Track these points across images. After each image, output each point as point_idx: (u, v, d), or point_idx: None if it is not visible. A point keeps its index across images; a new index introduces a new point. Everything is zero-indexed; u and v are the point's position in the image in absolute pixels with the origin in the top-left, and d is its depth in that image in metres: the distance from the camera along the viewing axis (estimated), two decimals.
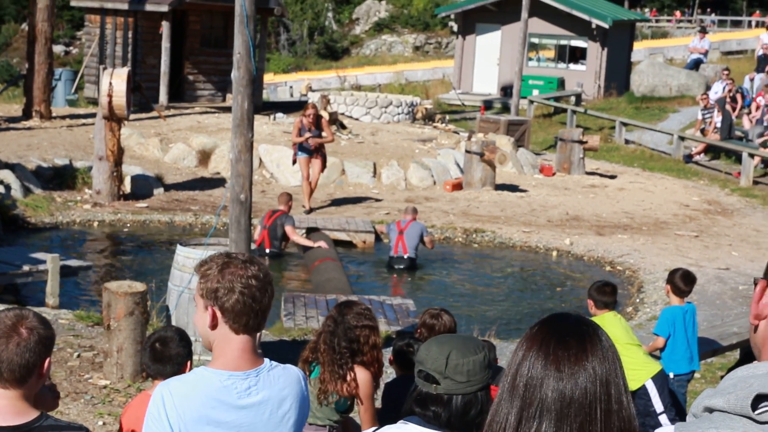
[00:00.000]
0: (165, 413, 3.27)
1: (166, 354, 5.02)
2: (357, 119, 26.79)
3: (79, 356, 9.24)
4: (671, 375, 8.07)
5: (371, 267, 15.72)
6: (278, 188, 18.88)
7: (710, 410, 1.95)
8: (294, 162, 18.16)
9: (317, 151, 17.76)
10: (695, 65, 34.94)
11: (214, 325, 3.37)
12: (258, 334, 3.45)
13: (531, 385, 2.20)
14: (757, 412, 1.88)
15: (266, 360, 3.46)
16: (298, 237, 15.39)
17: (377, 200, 19.26)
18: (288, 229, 15.16)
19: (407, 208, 15.94)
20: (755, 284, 2.13)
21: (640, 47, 43.18)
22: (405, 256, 14.99)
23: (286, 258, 15.43)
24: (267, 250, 14.94)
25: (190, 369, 5.15)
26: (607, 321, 7.82)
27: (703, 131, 27.17)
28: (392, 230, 15.39)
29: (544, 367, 2.19)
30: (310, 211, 17.82)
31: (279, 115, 25.77)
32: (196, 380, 3.35)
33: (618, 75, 35.54)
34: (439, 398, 3.22)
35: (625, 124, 28.61)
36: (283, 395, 3.44)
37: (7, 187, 16.75)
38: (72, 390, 8.42)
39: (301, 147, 17.64)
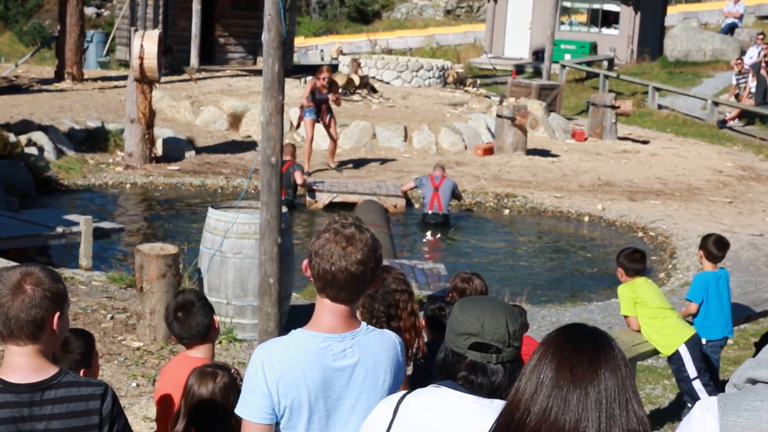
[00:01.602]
0: (263, 375, 3.32)
1: (192, 319, 5.03)
2: (388, 83, 26.69)
3: (112, 318, 9.30)
4: (704, 341, 8.03)
5: (403, 230, 15.71)
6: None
7: (753, 381, 1.91)
8: (298, 125, 18.49)
9: (326, 113, 17.98)
10: (730, 30, 34.50)
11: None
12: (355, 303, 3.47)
13: (538, 395, 2.18)
14: None
15: (363, 323, 3.49)
16: (301, 180, 16.00)
17: (407, 164, 19.22)
18: (297, 174, 15.78)
19: (436, 165, 16.16)
20: None
21: (673, 11, 42.65)
22: (440, 213, 15.40)
23: (300, 208, 16.01)
24: (282, 198, 15.12)
25: (217, 325, 5.17)
26: (639, 286, 7.79)
27: (737, 96, 26.88)
28: (426, 186, 15.58)
29: (555, 380, 2.19)
30: (335, 168, 18.00)
31: (309, 78, 25.71)
32: (293, 342, 3.39)
33: (651, 39, 35.15)
34: (496, 368, 3.13)
35: (658, 89, 28.34)
36: (378, 358, 3.46)
37: (41, 149, 16.84)
38: (106, 351, 8.48)
39: (307, 110, 17.76)
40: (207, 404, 4.47)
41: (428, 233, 15.45)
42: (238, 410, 3.42)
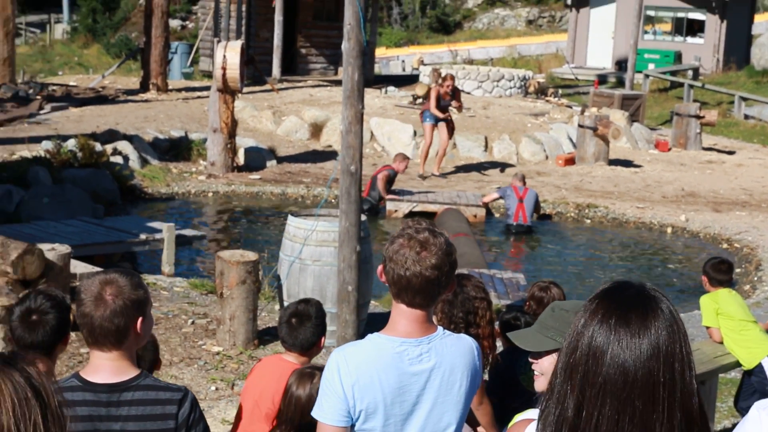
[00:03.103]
0: (339, 379, 3.34)
1: (301, 330, 5.09)
2: (469, 93, 26.65)
3: (193, 323, 9.42)
4: None
5: (485, 239, 15.66)
6: (389, 161, 18.91)
7: None
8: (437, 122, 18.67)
9: (445, 120, 18.21)
10: None
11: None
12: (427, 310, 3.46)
13: (591, 363, 2.12)
14: None
15: (439, 328, 3.49)
16: (382, 181, 16.05)
17: (488, 174, 19.17)
18: (380, 176, 15.99)
19: (517, 174, 16.20)
20: None
21: (761, 20, 41.89)
22: (524, 224, 15.52)
23: (381, 215, 16.09)
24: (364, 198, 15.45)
25: (323, 344, 5.22)
26: (721, 297, 7.65)
27: None
28: (510, 197, 15.66)
29: (606, 343, 2.12)
30: (426, 177, 18.31)
31: (390, 88, 25.81)
32: (370, 346, 3.40)
33: (738, 48, 34.59)
34: None
35: (744, 99, 27.87)
36: (454, 363, 3.46)
37: (125, 158, 17.14)
38: (186, 355, 8.59)
39: (428, 114, 17.90)
40: (305, 405, 4.51)
41: (512, 241, 15.46)
42: (314, 413, 3.43)
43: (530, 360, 3.52)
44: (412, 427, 3.43)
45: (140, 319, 3.44)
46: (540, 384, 3.52)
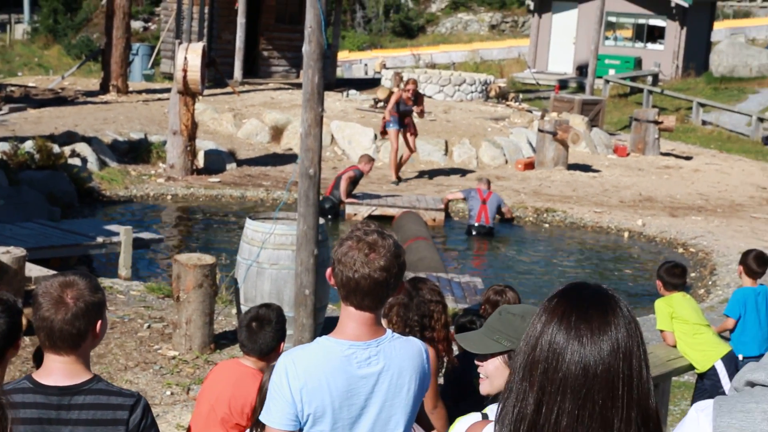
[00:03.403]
0: (287, 382, 3.33)
1: (261, 334, 5.09)
2: (430, 97, 26.71)
3: (149, 327, 9.38)
4: (740, 357, 7.95)
5: (443, 242, 15.71)
6: (349, 164, 18.93)
7: (752, 384, 1.90)
8: (383, 132, 18.73)
9: (409, 124, 18.30)
10: None
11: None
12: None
13: (552, 359, 2.15)
14: None
15: (388, 331, 3.49)
16: (345, 182, 16.11)
17: (448, 178, 19.23)
18: (344, 176, 16.07)
19: (482, 178, 16.40)
20: None
21: (720, 27, 42.36)
22: (486, 225, 15.66)
23: (340, 219, 16.05)
24: (325, 197, 15.73)
25: (282, 349, 5.23)
26: (675, 301, 7.73)
27: None
28: (474, 198, 15.84)
29: (566, 340, 2.15)
30: (399, 181, 18.27)
31: (352, 92, 25.84)
32: (318, 350, 3.40)
33: (697, 55, 34.95)
34: None
35: (702, 105, 28.15)
36: (402, 366, 3.45)
37: (84, 160, 17.03)
38: (142, 360, 8.56)
39: (392, 120, 18.11)
40: None
41: (471, 244, 15.54)
42: (262, 417, 3.42)
43: (476, 363, 3.54)
44: (360, 431, 3.44)
45: (99, 323, 3.43)
46: (484, 387, 3.53)
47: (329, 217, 15.67)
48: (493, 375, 3.51)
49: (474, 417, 3.16)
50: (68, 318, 3.34)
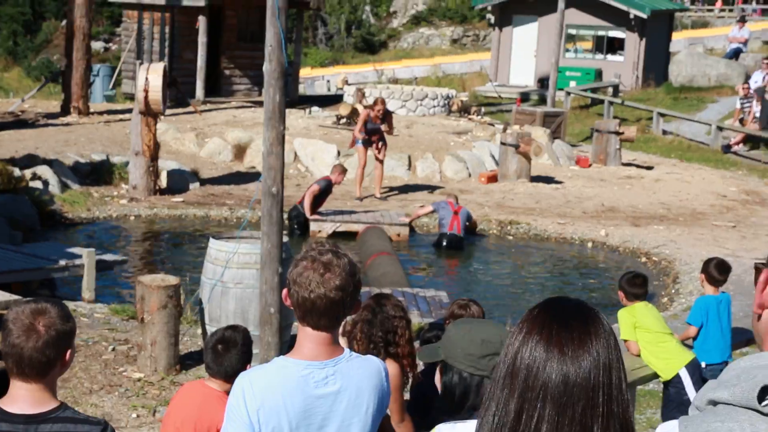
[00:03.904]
0: (244, 403, 3.33)
1: (227, 357, 5.07)
2: (393, 112, 26.74)
3: (113, 349, 9.33)
4: (703, 364, 8.02)
5: (408, 257, 15.74)
6: (312, 181, 18.93)
7: (714, 403, 1.91)
8: (351, 145, 18.93)
9: (380, 141, 18.39)
10: (735, 55, 34.59)
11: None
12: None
13: (533, 368, 2.17)
14: (763, 404, 1.84)
15: (346, 350, 3.50)
16: (308, 198, 16.11)
17: (412, 193, 19.27)
18: (308, 192, 16.13)
19: (450, 194, 16.62)
20: (757, 271, 2.10)
21: (679, 37, 42.75)
22: (458, 235, 15.82)
23: (304, 237, 15.97)
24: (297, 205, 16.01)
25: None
26: (638, 311, 7.80)
27: (741, 121, 26.91)
28: (445, 209, 16.05)
29: (547, 350, 2.17)
30: (362, 199, 18.45)
31: (315, 108, 25.84)
32: (275, 370, 3.40)
33: (656, 65, 35.25)
34: None
35: (662, 115, 28.38)
36: (360, 386, 3.46)
37: (45, 183, 16.92)
38: (107, 383, 8.51)
39: (360, 138, 18.20)
40: None
41: (436, 259, 15.59)
42: None
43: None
44: None
45: (68, 351, 3.42)
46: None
47: (296, 227, 15.80)
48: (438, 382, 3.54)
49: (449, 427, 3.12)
50: (39, 346, 3.33)
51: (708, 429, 1.85)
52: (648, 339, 7.79)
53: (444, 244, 15.77)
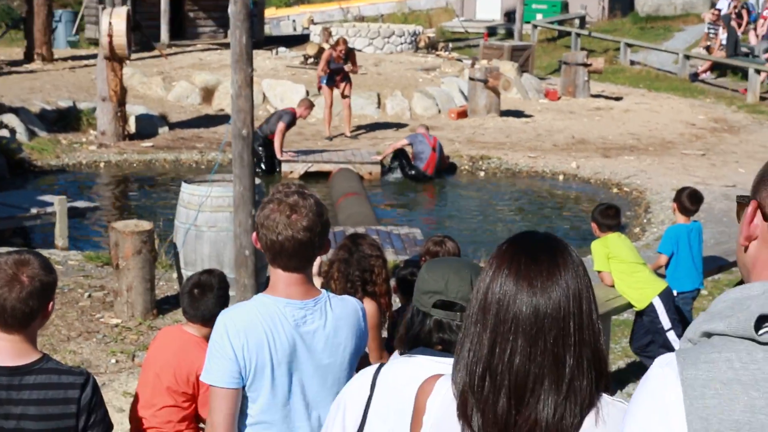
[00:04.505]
0: (228, 340, 3.35)
1: (203, 301, 5.08)
2: (360, 50, 26.60)
3: (89, 296, 9.33)
4: (675, 292, 8.12)
5: (381, 195, 15.77)
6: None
7: (708, 335, 1.94)
8: (319, 89, 18.75)
9: (342, 81, 18.27)
10: None
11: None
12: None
13: (504, 302, 2.20)
14: (760, 332, 1.87)
15: (324, 291, 3.53)
16: (278, 138, 16.03)
17: (382, 131, 19.23)
18: (280, 124, 15.99)
19: (420, 125, 16.73)
20: (739, 203, 2.12)
21: None
22: (429, 175, 16.07)
23: (277, 177, 15.87)
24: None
25: None
26: (611, 242, 7.86)
27: (708, 48, 26.95)
28: (423, 143, 16.14)
29: (517, 284, 2.20)
30: (332, 138, 18.38)
31: (281, 49, 25.64)
32: (256, 307, 3.42)
33: None
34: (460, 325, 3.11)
35: (629, 45, 28.39)
36: (338, 325, 3.49)
37: (12, 131, 16.75)
38: (84, 330, 8.52)
39: (327, 77, 18.13)
40: None
41: (408, 196, 15.67)
42: (204, 377, 3.43)
43: None
44: (298, 386, 3.47)
45: (50, 303, 3.43)
46: None
47: (260, 162, 15.64)
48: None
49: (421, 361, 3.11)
50: (23, 296, 3.33)
51: (706, 360, 1.87)
52: (621, 269, 7.87)
53: (411, 175, 16.06)
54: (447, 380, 2.40)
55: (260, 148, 15.66)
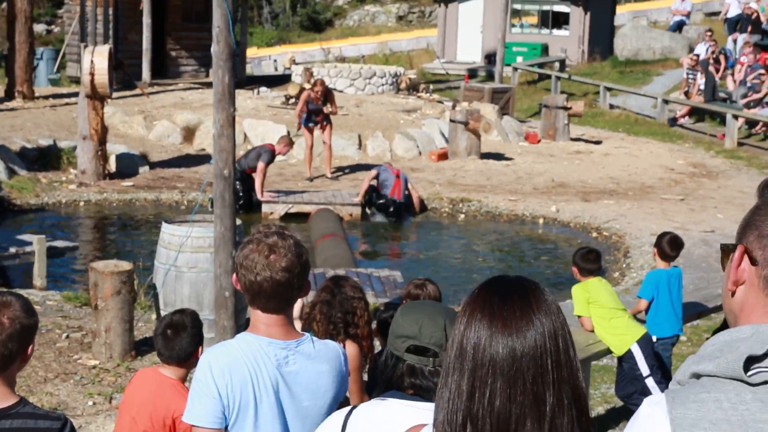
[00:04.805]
0: (212, 379, 3.33)
1: (177, 341, 5.05)
2: (341, 91, 26.72)
3: (67, 337, 9.26)
4: (654, 338, 8.13)
5: (361, 237, 15.76)
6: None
7: (698, 376, 1.95)
8: (298, 129, 18.85)
9: (324, 121, 18.30)
10: (678, 27, 34.88)
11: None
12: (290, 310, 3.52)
13: (480, 345, 2.20)
14: (749, 374, 1.88)
15: (307, 334, 3.53)
16: (259, 178, 16.05)
17: (363, 173, 19.27)
18: (260, 164, 16.03)
19: (385, 162, 17.35)
20: (724, 250, 2.13)
21: (623, 10, 43.02)
22: (399, 201, 16.38)
23: (257, 219, 15.75)
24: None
25: (201, 354, 5.19)
26: (592, 286, 7.87)
27: (687, 94, 27.18)
28: (387, 171, 16.58)
29: (491, 326, 2.20)
30: (312, 179, 18.36)
31: (263, 89, 25.72)
32: (240, 344, 3.41)
33: (601, 39, 35.45)
34: (436, 372, 3.06)
35: (609, 89, 28.59)
36: (320, 369, 3.49)
37: None
38: (61, 371, 8.45)
39: (306, 118, 18.07)
40: None
41: (388, 238, 15.73)
42: (187, 417, 3.40)
43: None
44: (280, 428, 3.45)
45: (30, 346, 3.40)
46: None
47: (240, 195, 15.51)
48: None
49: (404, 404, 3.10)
50: (2, 339, 3.30)
51: (696, 399, 1.89)
52: (601, 314, 7.88)
53: (391, 210, 16.24)
54: (429, 430, 2.39)
55: (237, 182, 15.57)
